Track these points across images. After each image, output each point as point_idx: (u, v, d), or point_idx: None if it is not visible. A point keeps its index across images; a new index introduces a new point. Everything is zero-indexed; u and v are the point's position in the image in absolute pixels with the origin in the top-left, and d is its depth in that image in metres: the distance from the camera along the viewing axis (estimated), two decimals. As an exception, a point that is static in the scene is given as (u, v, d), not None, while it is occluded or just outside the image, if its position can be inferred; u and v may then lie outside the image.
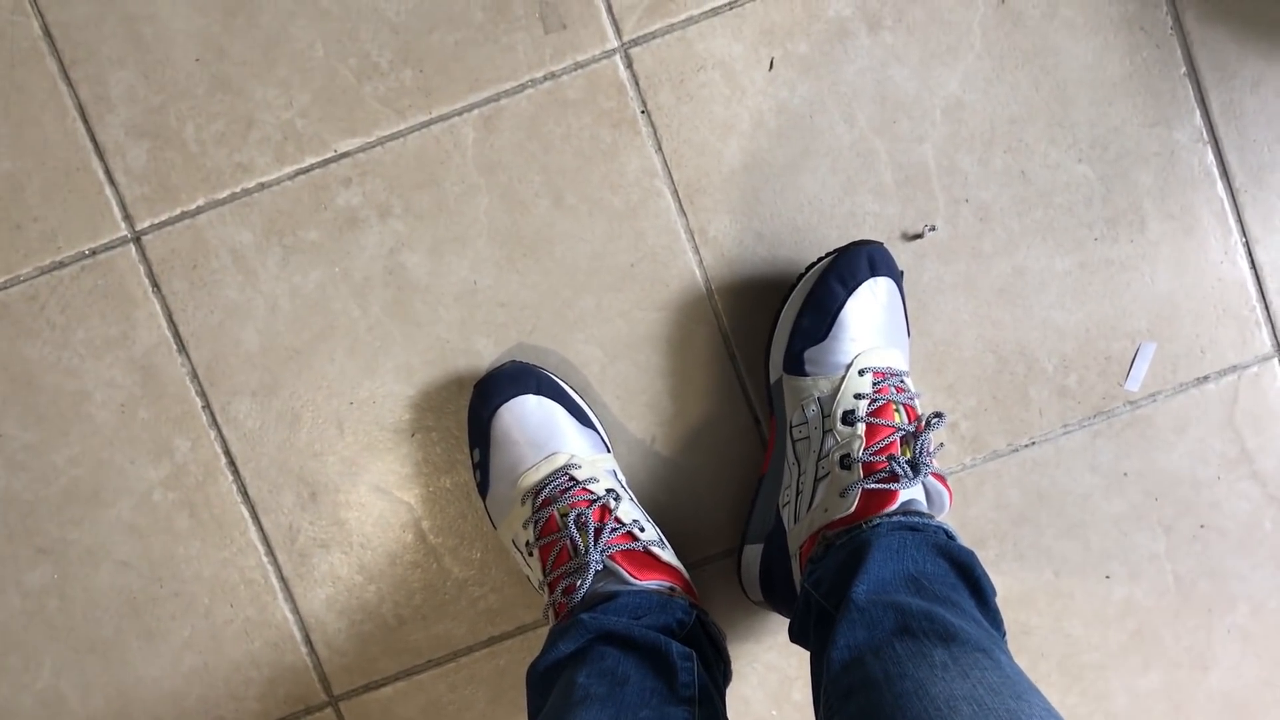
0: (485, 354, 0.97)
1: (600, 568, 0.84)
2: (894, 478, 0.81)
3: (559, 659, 0.78)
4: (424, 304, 0.96)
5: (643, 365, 0.97)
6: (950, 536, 0.79)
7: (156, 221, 0.96)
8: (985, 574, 0.76)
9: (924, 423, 0.83)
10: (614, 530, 0.85)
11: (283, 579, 0.99)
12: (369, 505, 0.98)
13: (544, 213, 0.95)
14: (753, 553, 0.93)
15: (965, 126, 0.95)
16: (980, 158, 0.95)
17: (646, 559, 0.86)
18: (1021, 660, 0.99)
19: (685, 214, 0.96)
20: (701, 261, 0.96)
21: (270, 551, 0.99)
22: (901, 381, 0.87)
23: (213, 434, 0.98)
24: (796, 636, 0.82)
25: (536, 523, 0.87)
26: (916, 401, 0.87)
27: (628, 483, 0.96)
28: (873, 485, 0.80)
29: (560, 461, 0.88)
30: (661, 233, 0.96)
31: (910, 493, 0.82)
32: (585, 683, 0.73)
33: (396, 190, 0.95)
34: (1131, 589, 0.99)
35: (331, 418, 0.97)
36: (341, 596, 0.99)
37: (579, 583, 0.83)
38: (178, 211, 0.96)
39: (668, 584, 0.86)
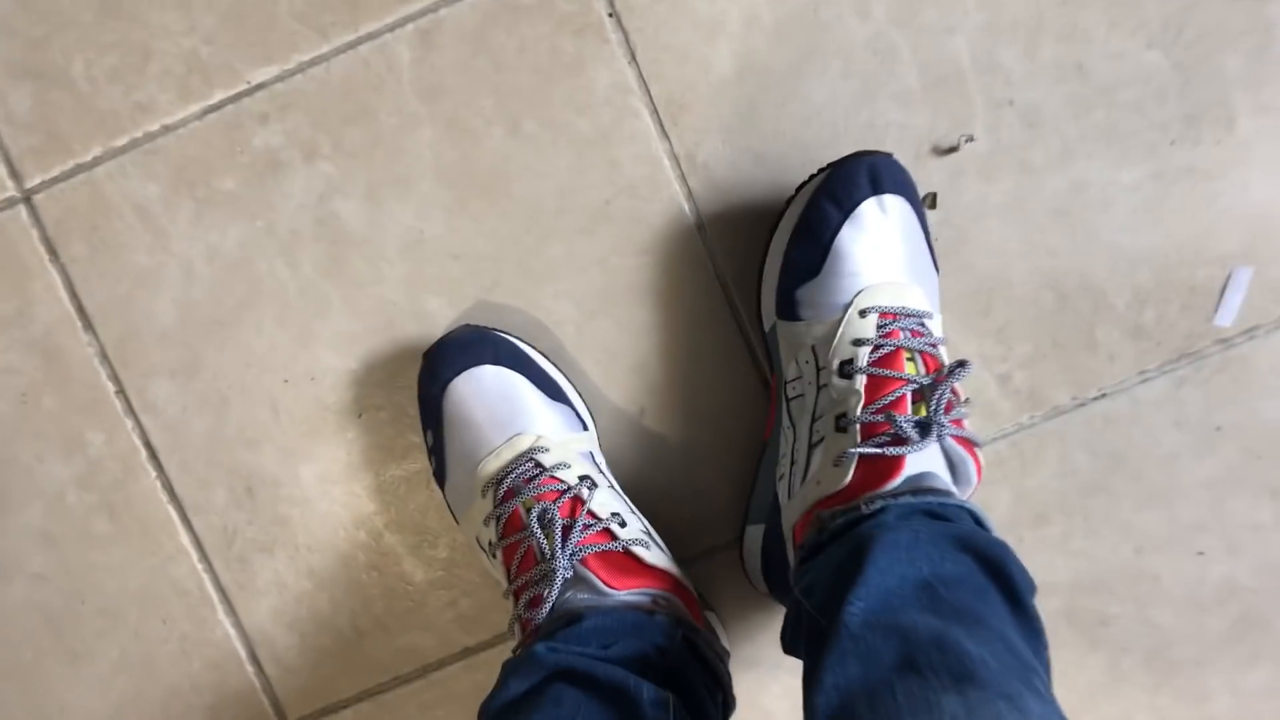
0: (439, 316, 0.84)
1: (570, 575, 0.71)
2: (898, 441, 0.67)
3: (511, 700, 0.66)
4: (363, 260, 0.84)
5: (625, 322, 0.84)
6: (978, 520, 0.66)
7: (48, 177, 0.84)
8: (1020, 568, 0.63)
9: (942, 373, 0.69)
10: (588, 527, 0.73)
11: (221, 589, 0.88)
12: (314, 500, 0.86)
13: (498, 144, 0.82)
14: (755, 535, 0.81)
15: (1005, 12, 0.80)
16: (1025, 50, 0.80)
17: (626, 562, 0.73)
18: (1099, 657, 0.86)
19: (668, 136, 0.82)
20: (690, 193, 0.82)
21: (204, 557, 0.88)
22: (920, 324, 0.73)
23: (129, 423, 0.86)
24: (789, 648, 0.69)
25: (498, 519, 0.75)
26: (941, 349, 0.73)
27: (611, 465, 0.83)
28: (870, 450, 0.67)
29: (524, 444, 0.76)
30: (640, 161, 0.82)
31: (922, 461, 0.68)
32: None
33: (323, 126, 0.83)
34: (1231, 567, 0.85)
35: (264, 399, 0.85)
36: (289, 607, 0.88)
37: (545, 593, 0.71)
38: (71, 165, 0.84)
39: (653, 591, 0.73)
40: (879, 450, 0.67)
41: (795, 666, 0.80)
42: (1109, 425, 0.84)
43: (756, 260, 0.81)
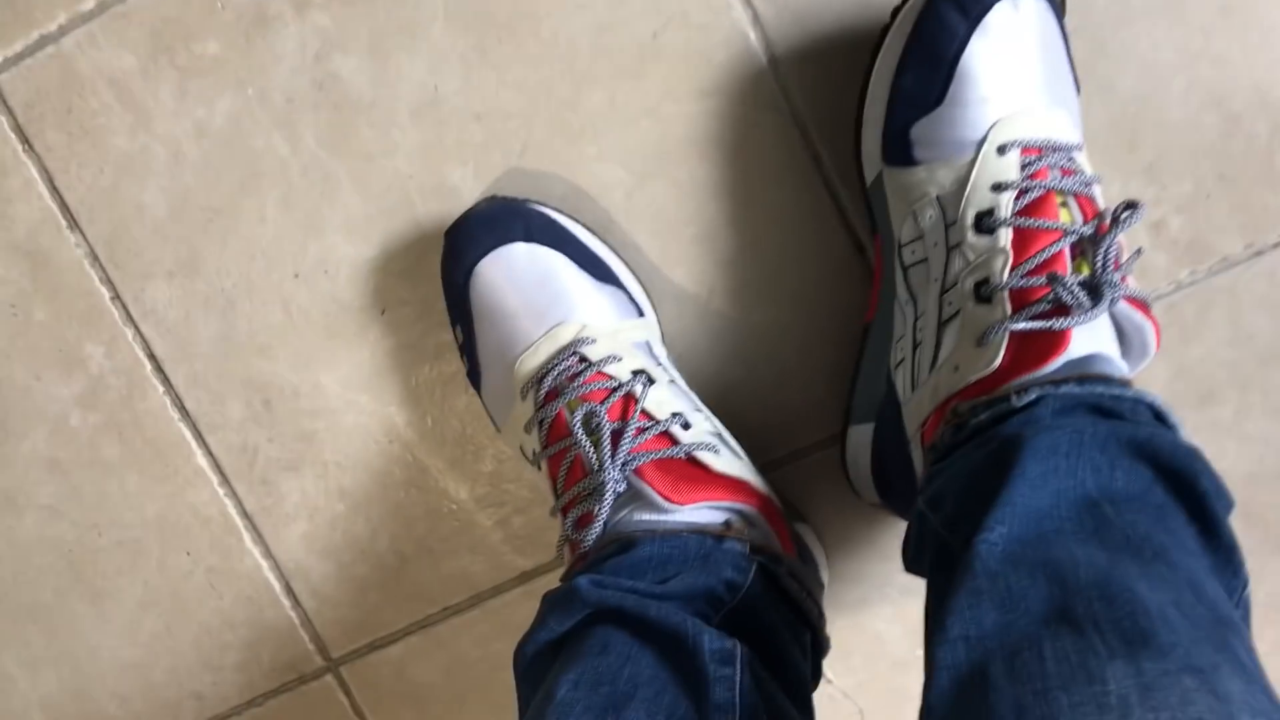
0: (463, 189, 0.71)
1: (623, 488, 0.59)
2: (1062, 310, 0.53)
3: (551, 641, 0.55)
4: (371, 127, 0.71)
5: (685, 184, 0.70)
6: (1159, 417, 0.51)
7: (12, 53, 0.73)
8: (1215, 481, 0.48)
9: (1109, 218, 0.54)
10: (643, 431, 0.60)
11: (246, 515, 0.78)
12: (339, 411, 0.76)
13: (519, -26, 0.68)
14: (861, 436, 0.67)
15: None
16: None
17: (691, 470, 0.60)
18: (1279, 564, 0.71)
19: (724, -51, 0.67)
20: (756, 17, 0.67)
21: (225, 480, 0.78)
22: (1070, 160, 0.58)
23: (129, 333, 0.76)
24: (912, 565, 0.56)
25: (541, 424, 0.63)
26: (1096, 189, 0.58)
27: (675, 357, 0.70)
28: (1027, 325, 0.53)
29: (566, 336, 0.63)
30: (692, -17, 0.67)
31: (1090, 335, 0.54)
32: (569, 698, 0.49)
33: (313, -32, 0.70)
34: None
35: (274, 297, 0.74)
36: (323, 532, 0.78)
37: (595, 510, 0.59)
38: (35, 36, 0.72)
39: (726, 505, 0.60)
40: (1042, 324, 0.53)
41: (909, 583, 0.66)
42: (1294, 278, 0.68)
43: (842, 98, 0.66)
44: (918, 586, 0.59)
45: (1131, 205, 0.54)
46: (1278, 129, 0.65)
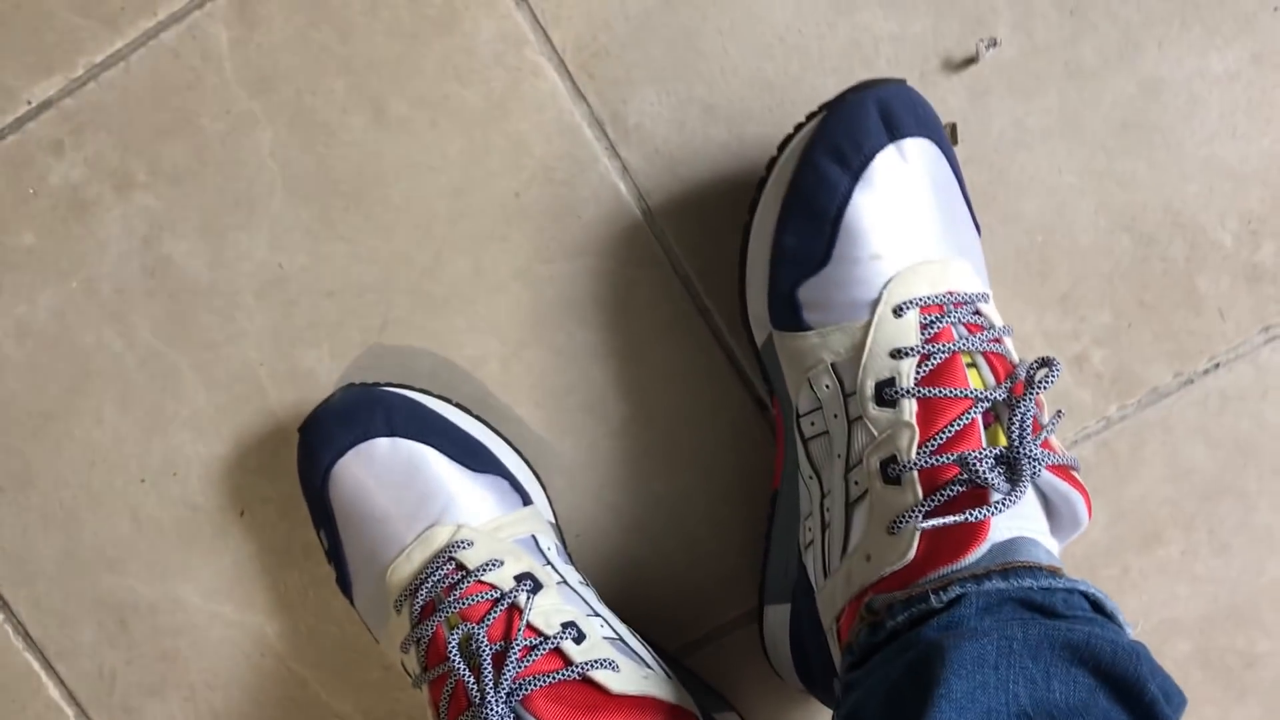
0: (320, 373, 0.64)
1: (511, 723, 0.52)
2: (977, 495, 0.47)
3: None
4: (212, 313, 0.64)
5: (565, 349, 0.63)
6: (1098, 606, 0.46)
7: None
8: (1165, 683, 0.43)
9: (1024, 379, 0.49)
10: (530, 650, 0.53)
11: (109, 748, 0.70)
12: (202, 626, 0.67)
13: (361, 137, 0.62)
14: (778, 616, 0.60)
15: None
16: (1056, -93, 0.58)
17: (587, 694, 0.52)
18: (1250, 710, 0.65)
19: (584, 96, 0.61)
20: (625, 168, 0.61)
21: (82, 712, 0.69)
22: (976, 313, 0.52)
23: (-40, 557, 0.68)
24: None
25: (419, 643, 0.56)
26: (1008, 342, 0.52)
27: (573, 541, 0.64)
28: (939, 521, 0.47)
29: (440, 539, 0.56)
30: (552, 134, 0.61)
31: (1014, 518, 0.48)
32: None
33: (133, 146, 0.63)
34: None
35: (120, 506, 0.66)
36: (197, 760, 0.69)
37: None
38: None
39: (632, 731, 0.53)
40: (956, 519, 0.47)
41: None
42: (1229, 404, 0.62)
43: (726, 246, 0.60)
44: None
45: (1047, 363, 0.49)
46: (1194, 248, 0.60)
